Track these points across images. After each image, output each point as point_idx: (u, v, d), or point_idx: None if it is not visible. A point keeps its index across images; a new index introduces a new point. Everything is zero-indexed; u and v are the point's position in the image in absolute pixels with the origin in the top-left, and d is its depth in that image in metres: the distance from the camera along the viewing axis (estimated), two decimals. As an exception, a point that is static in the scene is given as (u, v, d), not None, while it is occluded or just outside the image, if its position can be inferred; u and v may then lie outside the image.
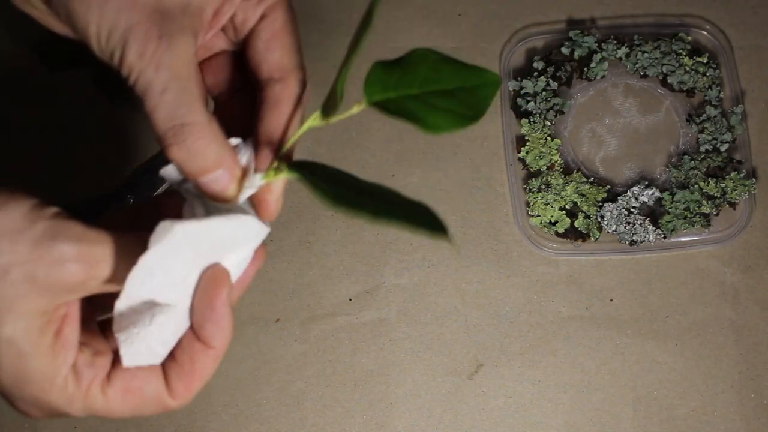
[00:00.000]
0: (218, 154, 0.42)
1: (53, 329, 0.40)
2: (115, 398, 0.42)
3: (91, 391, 0.41)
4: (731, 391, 0.73)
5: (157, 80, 0.41)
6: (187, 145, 0.41)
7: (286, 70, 0.45)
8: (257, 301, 0.74)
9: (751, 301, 0.74)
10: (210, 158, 0.42)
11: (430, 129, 0.42)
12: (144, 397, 0.42)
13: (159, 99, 0.41)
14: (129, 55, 0.41)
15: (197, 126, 0.41)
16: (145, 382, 0.42)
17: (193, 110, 0.41)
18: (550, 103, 0.76)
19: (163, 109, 0.41)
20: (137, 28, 0.40)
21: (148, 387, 0.42)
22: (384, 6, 0.79)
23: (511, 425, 0.73)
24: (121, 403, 0.42)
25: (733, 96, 0.77)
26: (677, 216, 0.75)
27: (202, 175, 0.42)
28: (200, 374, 0.43)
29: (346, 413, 0.73)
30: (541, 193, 0.75)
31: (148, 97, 0.41)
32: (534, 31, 0.79)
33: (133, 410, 0.42)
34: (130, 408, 0.42)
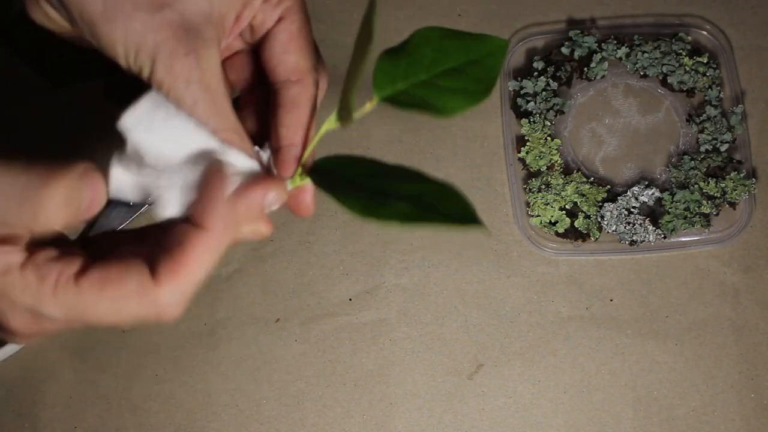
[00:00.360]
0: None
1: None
2: (91, 290, 0.39)
3: (60, 285, 0.39)
4: (731, 391, 0.73)
5: (187, 95, 0.42)
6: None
7: (303, 72, 0.46)
8: (257, 301, 0.74)
9: (751, 301, 0.74)
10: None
11: (445, 113, 0.42)
12: (124, 287, 0.39)
13: (191, 112, 0.43)
14: (158, 72, 0.42)
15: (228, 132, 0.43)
16: (125, 270, 0.39)
17: (223, 119, 0.43)
18: (550, 103, 0.76)
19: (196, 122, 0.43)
20: (164, 46, 0.42)
21: (128, 275, 0.39)
22: (384, 6, 0.79)
23: (511, 425, 0.73)
24: (98, 296, 0.39)
25: (733, 96, 0.77)
26: (677, 216, 0.75)
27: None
28: (190, 259, 0.40)
29: (346, 413, 0.73)
30: (541, 193, 0.75)
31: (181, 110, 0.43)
32: (534, 31, 0.79)
33: (114, 304, 0.39)
34: (110, 301, 0.39)
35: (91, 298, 0.39)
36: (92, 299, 0.39)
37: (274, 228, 0.75)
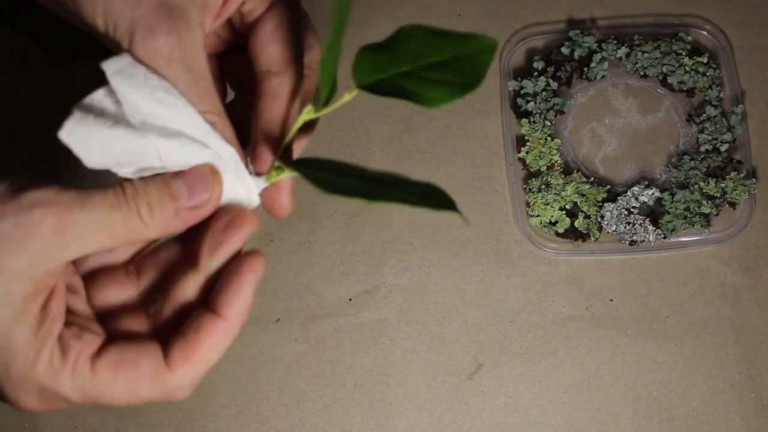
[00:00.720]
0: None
1: (40, 300, 0.38)
2: (106, 373, 0.39)
3: (79, 364, 0.39)
4: (731, 391, 0.73)
5: (168, 74, 0.41)
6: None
7: (285, 64, 0.45)
8: (257, 301, 0.74)
9: (751, 301, 0.74)
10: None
11: (428, 103, 0.41)
12: (138, 371, 0.39)
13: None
14: (137, 48, 0.41)
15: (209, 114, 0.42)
16: (140, 354, 0.40)
17: (204, 100, 0.42)
18: (550, 103, 0.76)
19: None
20: (143, 22, 0.41)
21: (142, 359, 0.40)
22: (384, 6, 0.79)
23: (511, 425, 0.73)
24: (112, 379, 0.39)
25: (733, 96, 0.77)
26: (677, 216, 0.75)
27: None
28: (204, 346, 0.40)
29: (346, 413, 0.73)
30: (541, 193, 0.75)
31: None
32: (534, 31, 0.79)
33: (128, 387, 0.39)
34: (124, 384, 0.39)
35: (106, 382, 0.39)
36: (107, 383, 0.39)
37: (274, 228, 0.75)
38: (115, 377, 0.39)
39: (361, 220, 0.76)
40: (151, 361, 0.40)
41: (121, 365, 0.39)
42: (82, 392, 0.39)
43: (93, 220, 0.38)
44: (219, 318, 0.41)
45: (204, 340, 0.40)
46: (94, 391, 0.39)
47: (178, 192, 0.40)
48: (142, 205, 0.39)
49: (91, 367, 0.39)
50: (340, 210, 0.76)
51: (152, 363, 0.40)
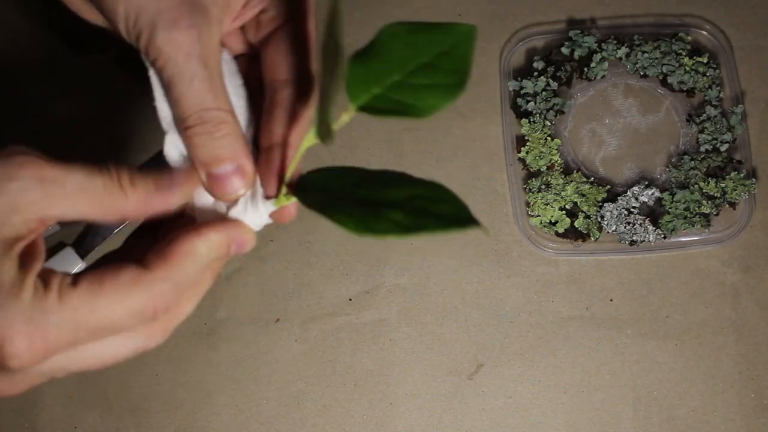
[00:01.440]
0: (235, 147, 0.43)
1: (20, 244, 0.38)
2: (90, 289, 0.39)
3: (64, 289, 0.38)
4: (731, 391, 0.73)
5: (187, 68, 0.41)
6: (208, 129, 0.42)
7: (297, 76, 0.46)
8: (257, 301, 0.74)
9: (751, 301, 0.74)
10: (226, 148, 0.42)
11: (423, 113, 0.41)
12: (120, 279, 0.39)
13: (188, 86, 0.42)
14: (157, 40, 0.41)
15: (222, 113, 0.42)
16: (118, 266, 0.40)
17: (219, 99, 0.42)
18: (550, 103, 0.76)
19: (192, 96, 0.42)
20: (166, 14, 0.41)
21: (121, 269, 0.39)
22: (384, 6, 0.79)
23: (511, 425, 0.73)
24: (99, 294, 0.39)
25: (733, 96, 0.77)
26: (677, 216, 0.75)
27: (215, 165, 0.42)
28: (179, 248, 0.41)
29: (346, 413, 0.73)
30: (541, 193, 0.75)
31: (177, 83, 0.42)
32: (534, 31, 0.79)
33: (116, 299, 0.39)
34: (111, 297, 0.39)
35: (93, 297, 0.39)
36: (94, 298, 0.39)
37: (274, 228, 0.75)
38: (101, 289, 0.39)
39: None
40: (128, 268, 0.40)
41: (102, 279, 0.39)
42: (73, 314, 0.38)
43: (73, 179, 0.39)
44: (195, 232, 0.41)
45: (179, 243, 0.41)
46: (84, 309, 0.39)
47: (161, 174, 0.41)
48: (123, 175, 0.40)
49: (74, 289, 0.39)
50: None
51: (131, 269, 0.40)
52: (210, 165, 0.42)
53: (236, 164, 0.43)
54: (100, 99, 0.77)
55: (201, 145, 0.42)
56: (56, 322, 0.38)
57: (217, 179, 0.43)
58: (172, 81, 0.42)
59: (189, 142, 0.42)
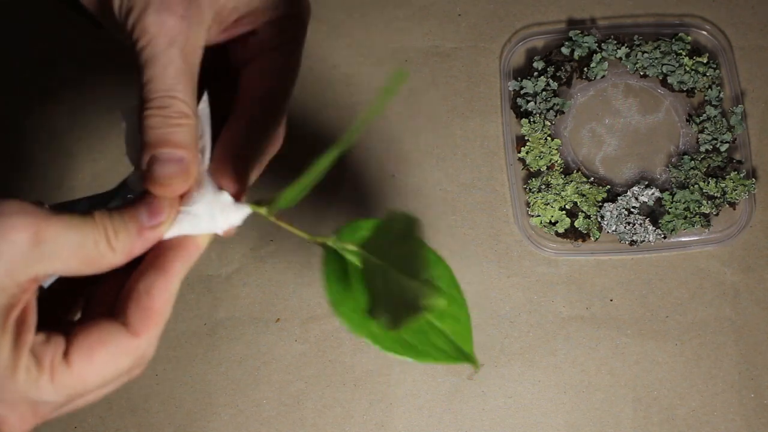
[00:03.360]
0: (186, 140, 0.42)
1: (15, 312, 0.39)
2: (82, 363, 0.40)
3: (55, 367, 0.39)
4: (731, 391, 0.73)
5: (166, 53, 0.41)
6: (168, 113, 0.41)
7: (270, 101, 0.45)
8: (257, 301, 0.74)
9: (751, 301, 0.74)
10: (178, 135, 0.41)
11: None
12: (109, 349, 0.40)
13: (162, 71, 0.41)
14: (146, 19, 0.41)
15: (185, 107, 0.41)
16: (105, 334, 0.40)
17: (187, 94, 0.42)
18: (550, 103, 0.76)
19: (162, 81, 0.41)
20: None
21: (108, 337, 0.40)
22: (384, 6, 0.79)
23: (511, 425, 0.73)
24: (90, 366, 0.40)
25: (733, 96, 0.77)
26: (677, 216, 0.75)
27: (162, 146, 0.41)
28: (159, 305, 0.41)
29: (346, 413, 0.73)
30: (541, 193, 0.75)
31: (152, 66, 0.41)
32: (534, 31, 0.79)
33: (106, 367, 0.40)
34: (102, 366, 0.40)
35: (84, 371, 0.40)
36: (86, 371, 0.40)
37: (274, 228, 0.75)
38: (91, 362, 0.40)
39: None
40: (116, 334, 0.41)
41: (92, 350, 0.40)
42: (66, 390, 0.40)
43: (69, 238, 0.39)
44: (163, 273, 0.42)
45: (156, 298, 0.41)
46: (76, 383, 0.40)
47: (138, 213, 0.41)
48: (109, 228, 0.40)
49: (67, 365, 0.40)
50: (340, 210, 0.76)
51: (118, 336, 0.41)
52: (156, 146, 0.41)
53: (181, 154, 0.42)
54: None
55: (155, 126, 0.41)
56: (49, 400, 0.39)
57: (159, 162, 0.41)
58: (148, 62, 0.41)
59: (143, 123, 0.41)
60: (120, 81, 0.76)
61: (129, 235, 0.41)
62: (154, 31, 0.41)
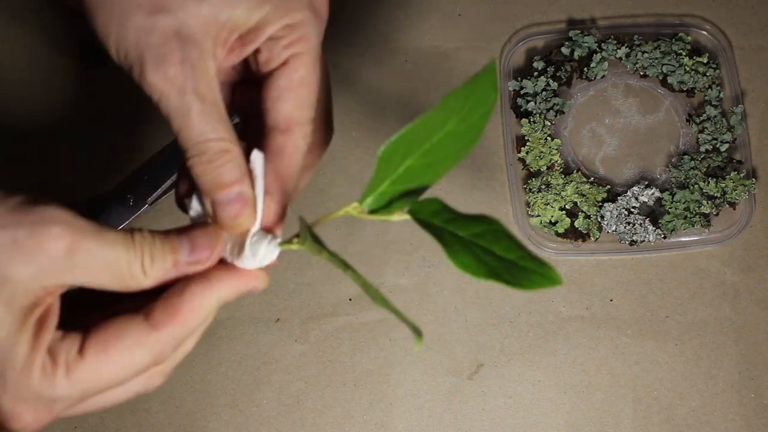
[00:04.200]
0: (236, 174, 0.43)
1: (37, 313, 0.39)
2: (97, 358, 0.40)
3: (70, 363, 0.39)
4: (731, 391, 0.73)
5: (181, 103, 0.41)
6: (209, 158, 0.42)
7: (292, 123, 0.45)
8: (257, 301, 0.74)
9: (751, 301, 0.74)
10: (227, 174, 0.42)
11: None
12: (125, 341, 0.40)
13: (185, 121, 0.42)
14: (148, 76, 0.41)
15: (222, 143, 0.42)
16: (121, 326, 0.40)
17: (218, 130, 0.42)
18: (550, 103, 0.76)
19: (189, 129, 0.42)
20: (154, 50, 0.41)
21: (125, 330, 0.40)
22: (384, 6, 0.79)
23: (511, 425, 0.73)
24: (105, 361, 0.40)
25: (733, 96, 0.77)
26: (677, 216, 0.75)
27: (217, 191, 0.42)
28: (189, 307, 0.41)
29: (346, 413, 0.73)
30: (541, 193, 0.75)
31: (173, 119, 0.42)
32: (534, 31, 0.79)
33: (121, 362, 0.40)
34: (117, 361, 0.40)
35: (98, 365, 0.40)
36: (100, 365, 0.40)
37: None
38: (106, 356, 0.40)
39: (362, 221, 0.76)
40: (134, 326, 0.40)
41: (108, 343, 0.40)
42: (80, 385, 0.40)
43: (103, 255, 0.39)
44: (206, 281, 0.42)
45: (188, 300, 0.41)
46: (91, 379, 0.40)
47: (180, 246, 0.41)
48: (146, 253, 0.40)
49: (81, 360, 0.39)
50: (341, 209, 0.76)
51: (136, 328, 0.40)
52: (212, 191, 0.42)
53: (239, 191, 0.42)
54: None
55: (202, 173, 0.42)
56: (63, 395, 0.39)
57: (219, 206, 0.42)
58: (168, 116, 0.42)
59: (192, 173, 0.42)
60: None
61: (164, 264, 0.41)
62: (161, 86, 0.41)
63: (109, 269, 0.39)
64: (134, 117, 0.76)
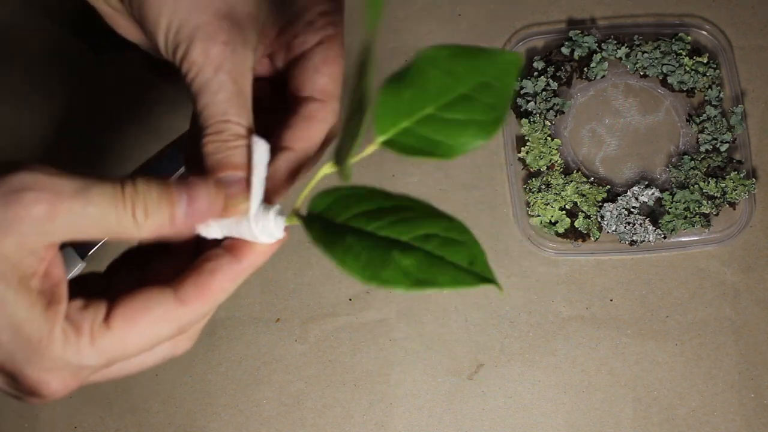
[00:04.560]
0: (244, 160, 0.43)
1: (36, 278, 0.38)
2: (123, 327, 0.39)
3: (95, 332, 0.39)
4: (731, 391, 0.73)
5: (214, 80, 0.42)
6: (225, 137, 0.43)
7: (328, 95, 0.47)
8: (257, 301, 0.74)
9: (751, 301, 0.74)
10: (238, 157, 0.43)
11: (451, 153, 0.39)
12: (153, 314, 0.40)
13: (213, 98, 0.43)
14: (193, 53, 0.42)
15: (241, 129, 0.43)
16: (150, 299, 0.40)
17: (242, 115, 0.43)
18: (550, 103, 0.76)
19: (215, 107, 0.43)
20: (206, 28, 0.42)
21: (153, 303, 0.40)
22: (385, 6, 0.79)
23: (511, 425, 0.73)
24: (132, 331, 0.40)
25: (733, 96, 0.77)
26: (677, 216, 0.75)
27: (224, 169, 0.43)
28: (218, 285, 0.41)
29: (346, 413, 0.73)
30: (541, 193, 0.75)
31: (203, 94, 0.43)
32: (534, 31, 0.79)
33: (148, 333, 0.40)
34: (144, 331, 0.40)
35: (125, 334, 0.40)
36: (126, 335, 0.40)
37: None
38: (134, 327, 0.40)
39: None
40: (162, 300, 0.40)
41: (135, 314, 0.40)
42: (106, 354, 0.40)
43: (87, 213, 0.38)
44: (237, 261, 0.42)
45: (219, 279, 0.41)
46: (116, 349, 0.40)
47: (178, 199, 0.40)
48: (138, 206, 0.39)
49: (107, 329, 0.39)
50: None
51: (164, 301, 0.40)
52: (219, 169, 0.43)
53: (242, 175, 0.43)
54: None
55: (214, 151, 0.43)
56: (89, 363, 0.39)
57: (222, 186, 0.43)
58: (199, 91, 0.43)
59: (204, 150, 0.43)
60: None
61: (161, 218, 0.40)
62: (201, 61, 0.42)
63: (96, 225, 0.39)
64: (136, 113, 0.76)
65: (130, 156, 0.76)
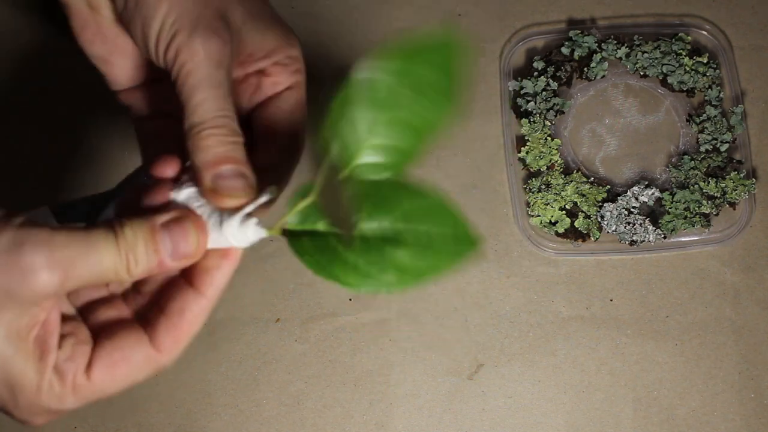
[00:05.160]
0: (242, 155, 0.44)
1: (33, 334, 0.40)
2: (103, 378, 0.42)
3: (77, 382, 0.41)
4: (731, 391, 0.73)
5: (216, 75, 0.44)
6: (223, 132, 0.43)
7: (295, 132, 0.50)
8: (257, 301, 0.74)
9: (751, 301, 0.74)
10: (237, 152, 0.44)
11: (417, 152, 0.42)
12: (132, 364, 0.42)
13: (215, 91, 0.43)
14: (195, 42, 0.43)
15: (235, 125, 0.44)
16: (129, 349, 0.42)
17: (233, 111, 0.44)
18: (550, 103, 0.76)
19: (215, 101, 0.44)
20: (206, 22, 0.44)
21: (132, 352, 0.42)
22: (384, 6, 0.79)
23: (511, 425, 0.73)
24: (111, 380, 0.42)
25: (733, 96, 0.77)
26: (677, 216, 0.75)
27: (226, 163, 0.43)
28: (189, 325, 0.43)
29: (346, 413, 0.73)
30: (541, 193, 0.75)
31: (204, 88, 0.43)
32: (534, 31, 0.79)
33: (126, 380, 0.42)
34: (122, 379, 0.42)
35: (105, 384, 0.42)
36: (106, 384, 0.42)
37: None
38: (113, 377, 0.42)
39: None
40: (140, 350, 0.42)
41: (114, 365, 0.42)
42: (85, 399, 0.42)
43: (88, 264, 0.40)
44: (201, 296, 0.43)
45: (189, 319, 0.43)
46: (96, 394, 0.42)
47: (162, 246, 0.42)
48: (131, 258, 0.41)
49: (88, 380, 0.42)
50: (340, 210, 0.76)
51: (142, 351, 0.42)
52: (218, 164, 0.43)
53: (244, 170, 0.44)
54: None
55: (213, 145, 0.43)
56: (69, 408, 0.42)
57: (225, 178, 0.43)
58: (200, 84, 0.43)
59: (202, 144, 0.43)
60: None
61: (149, 265, 0.42)
62: (204, 54, 0.43)
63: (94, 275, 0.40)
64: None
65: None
